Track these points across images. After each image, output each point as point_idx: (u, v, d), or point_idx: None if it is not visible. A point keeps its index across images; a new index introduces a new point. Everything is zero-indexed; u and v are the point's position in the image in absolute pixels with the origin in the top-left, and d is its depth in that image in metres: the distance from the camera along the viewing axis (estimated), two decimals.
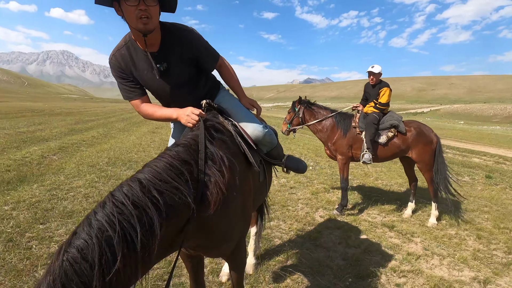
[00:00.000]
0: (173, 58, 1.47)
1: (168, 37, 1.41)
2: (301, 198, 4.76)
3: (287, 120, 4.44)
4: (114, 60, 1.46)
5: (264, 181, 1.80)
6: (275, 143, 1.88)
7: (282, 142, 10.74)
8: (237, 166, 1.38)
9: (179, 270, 2.54)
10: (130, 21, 1.30)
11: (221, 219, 1.27)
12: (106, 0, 1.27)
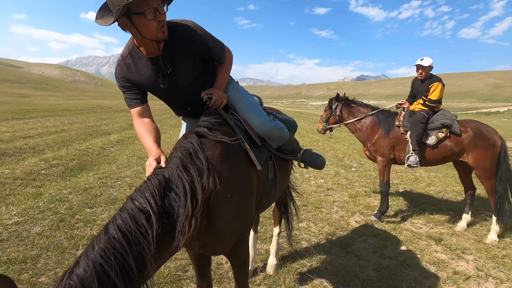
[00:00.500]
0: (178, 59, 1.42)
1: (170, 37, 1.35)
2: (337, 200, 4.52)
3: (323, 118, 4.23)
4: (119, 69, 1.44)
5: (274, 178, 1.69)
6: (286, 137, 1.77)
7: (325, 141, 10.37)
8: (232, 166, 1.33)
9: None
10: (148, 34, 1.26)
11: (212, 222, 1.24)
12: (118, 17, 1.18)
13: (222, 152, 1.32)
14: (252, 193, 1.47)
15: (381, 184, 3.78)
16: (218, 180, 1.22)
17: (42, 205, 3.58)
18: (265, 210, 2.12)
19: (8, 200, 3.77)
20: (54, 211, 3.41)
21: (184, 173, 1.15)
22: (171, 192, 1.11)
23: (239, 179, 1.38)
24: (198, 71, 1.52)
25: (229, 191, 1.28)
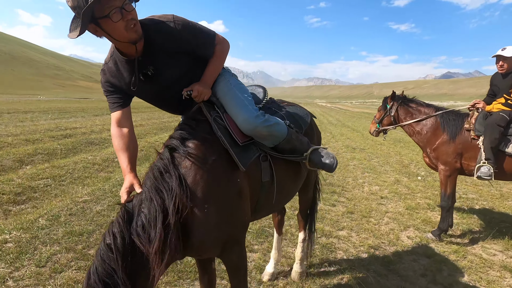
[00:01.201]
0: (159, 59, 1.33)
1: (149, 36, 1.27)
2: (390, 211, 4.04)
3: (376, 119, 3.82)
4: (103, 74, 1.41)
5: (271, 181, 1.53)
6: (281, 135, 1.53)
7: (391, 145, 9.40)
8: (210, 172, 1.26)
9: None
10: (119, 36, 1.18)
11: (191, 236, 1.22)
12: (82, 30, 1.11)
13: (197, 162, 1.25)
14: (239, 197, 1.37)
15: (442, 198, 3.22)
16: (192, 195, 1.19)
17: (107, 188, 4.13)
18: (269, 214, 2.02)
19: (85, 182, 4.47)
20: (115, 194, 3.90)
21: (156, 196, 1.15)
22: (141, 219, 1.12)
23: (219, 186, 1.30)
24: (184, 67, 1.42)
25: (206, 202, 1.23)
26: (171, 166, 1.21)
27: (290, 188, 1.78)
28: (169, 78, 1.39)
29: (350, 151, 8.27)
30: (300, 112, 1.90)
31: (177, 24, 1.30)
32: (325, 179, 5.29)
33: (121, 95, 1.41)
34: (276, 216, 2.49)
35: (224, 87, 1.49)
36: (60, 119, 11.32)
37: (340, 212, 3.87)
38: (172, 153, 1.26)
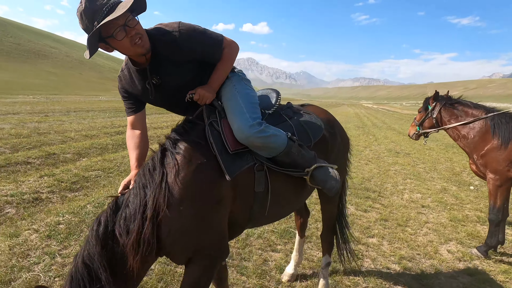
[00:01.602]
0: (164, 68, 1.37)
1: (156, 46, 1.31)
2: (431, 221, 3.72)
3: (416, 121, 3.54)
4: (119, 81, 1.49)
5: (265, 192, 1.44)
6: (279, 148, 1.43)
7: (441, 150, 8.58)
8: (192, 176, 1.25)
9: None
10: (128, 52, 1.27)
11: (164, 236, 1.23)
12: (94, 49, 1.22)
13: (181, 163, 1.26)
14: (219, 206, 1.31)
15: (491, 210, 2.87)
16: (170, 194, 1.20)
17: None
18: (269, 223, 2.01)
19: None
20: None
21: (141, 191, 1.21)
22: (126, 211, 1.20)
23: (198, 190, 1.26)
24: (189, 75, 1.44)
25: (182, 203, 1.22)
26: (158, 164, 1.26)
27: (291, 201, 1.66)
28: (173, 86, 1.42)
29: (392, 156, 7.76)
30: (314, 122, 1.72)
31: (182, 33, 1.32)
32: (360, 183, 5.07)
33: (134, 101, 1.50)
34: (299, 218, 2.42)
35: (228, 91, 1.49)
36: (115, 117, 12.48)
37: (372, 218, 3.68)
38: (163, 153, 1.30)
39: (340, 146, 1.92)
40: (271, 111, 1.63)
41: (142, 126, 1.53)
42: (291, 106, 1.78)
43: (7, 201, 3.32)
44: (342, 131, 2.02)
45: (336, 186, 1.54)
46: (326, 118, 1.90)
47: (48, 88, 31.83)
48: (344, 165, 2.08)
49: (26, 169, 4.63)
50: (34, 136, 6.80)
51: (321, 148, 1.71)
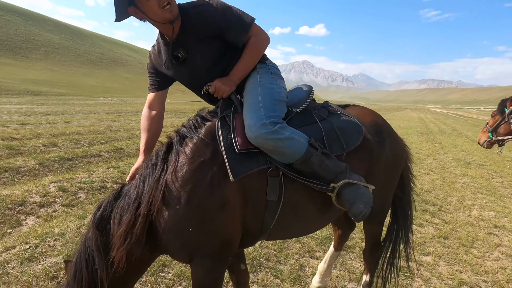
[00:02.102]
0: (191, 42, 1.31)
1: (185, 19, 1.27)
2: (505, 245, 3.17)
3: (488, 126, 3.06)
4: (149, 57, 1.47)
5: (277, 201, 1.28)
6: (295, 155, 1.24)
7: None
8: (193, 174, 1.19)
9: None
10: (155, 16, 1.22)
11: (160, 233, 1.21)
12: (123, 12, 1.21)
13: (183, 159, 1.21)
14: (222, 209, 1.21)
15: None
16: (167, 191, 1.17)
17: None
18: (287, 238, 1.80)
19: None
20: None
21: (140, 184, 1.21)
22: (123, 201, 1.21)
23: (197, 189, 1.19)
24: (216, 54, 1.35)
25: (179, 202, 1.17)
26: (161, 159, 1.24)
27: (312, 218, 1.45)
28: (199, 63, 1.35)
29: (461, 166, 6.84)
30: (351, 127, 1.45)
31: (211, 5, 1.27)
32: (418, 194, 4.58)
33: (159, 78, 1.45)
34: (337, 229, 2.13)
35: (251, 83, 1.37)
36: (175, 118, 13.51)
37: (429, 234, 3.29)
38: (169, 147, 1.27)
39: (389, 157, 1.60)
40: (300, 109, 1.43)
41: (160, 106, 1.49)
42: (327, 106, 1.53)
43: (80, 187, 3.86)
44: (395, 138, 1.71)
45: (364, 211, 1.28)
46: (372, 121, 1.60)
47: (123, 91, 36.16)
48: (394, 180, 1.74)
49: (97, 160, 5.31)
50: (107, 133, 7.77)
51: (361, 157, 1.46)
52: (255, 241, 1.42)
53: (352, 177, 1.32)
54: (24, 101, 15.41)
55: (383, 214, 1.82)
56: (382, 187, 1.60)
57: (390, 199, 1.80)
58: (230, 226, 1.25)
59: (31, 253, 2.34)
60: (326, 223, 1.65)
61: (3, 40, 51.37)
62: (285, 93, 1.43)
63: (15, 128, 7.37)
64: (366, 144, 1.48)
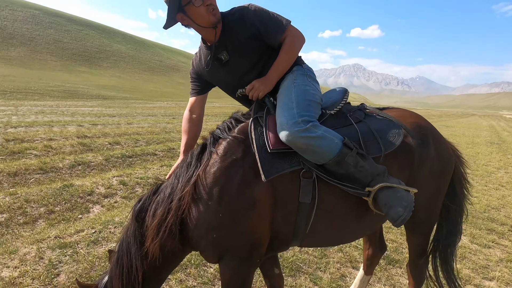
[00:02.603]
0: (232, 45, 1.37)
1: (225, 23, 1.35)
2: None
3: None
4: (191, 64, 1.56)
5: (310, 204, 1.25)
6: (327, 154, 1.20)
7: None
8: (224, 172, 1.22)
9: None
10: (202, 21, 1.30)
11: (191, 229, 1.26)
12: (172, 19, 1.31)
13: (215, 158, 1.25)
14: (252, 208, 1.21)
15: None
16: (199, 188, 1.22)
17: None
18: (316, 246, 1.70)
19: None
20: None
21: (175, 181, 1.28)
22: (159, 197, 1.28)
23: (228, 187, 1.21)
24: (255, 56, 1.39)
25: (210, 199, 1.21)
26: (195, 158, 1.29)
27: (348, 224, 1.38)
28: (239, 65, 1.40)
29: None
30: (389, 128, 1.37)
31: (249, 9, 1.35)
32: (482, 211, 4.07)
33: (200, 83, 1.54)
34: (367, 248, 1.98)
35: (285, 85, 1.38)
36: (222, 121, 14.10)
37: (494, 257, 2.90)
38: (203, 148, 1.32)
39: (435, 162, 1.48)
40: (334, 111, 1.39)
41: (199, 110, 1.58)
42: (363, 108, 1.48)
43: (137, 182, 4.26)
44: (441, 141, 1.57)
45: (403, 215, 1.19)
46: (413, 123, 1.50)
47: (178, 95, 38.89)
48: (443, 188, 1.60)
49: (153, 159, 5.81)
50: (162, 134, 8.44)
51: (402, 161, 1.38)
52: (287, 246, 1.40)
53: (390, 181, 1.25)
54: (96, 104, 17.54)
55: (429, 225, 1.66)
56: (428, 196, 1.48)
57: (437, 210, 1.63)
58: (259, 226, 1.25)
59: (96, 237, 2.67)
60: (363, 232, 1.56)
61: (82, 51, 59.28)
62: (320, 96, 1.42)
63: (88, 127, 8.44)
64: (407, 147, 1.40)
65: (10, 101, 14.70)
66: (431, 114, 39.12)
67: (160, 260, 1.27)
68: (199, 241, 1.26)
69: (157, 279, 1.38)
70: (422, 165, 1.43)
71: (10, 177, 4.08)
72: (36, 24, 59.34)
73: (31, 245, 2.51)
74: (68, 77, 35.81)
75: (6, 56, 42.96)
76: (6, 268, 2.20)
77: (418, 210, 1.37)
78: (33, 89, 21.13)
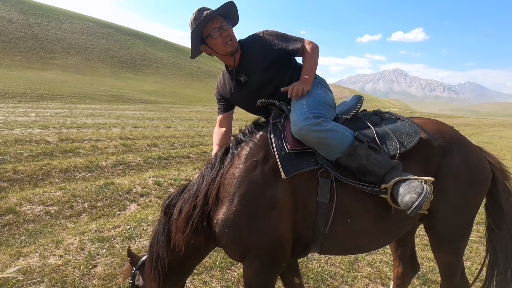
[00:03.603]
0: (251, 66, 1.54)
1: (244, 50, 1.53)
2: None
3: None
4: (217, 86, 1.75)
5: (328, 204, 1.28)
6: (339, 146, 1.26)
7: None
8: (246, 172, 1.29)
9: None
10: (220, 50, 1.50)
11: (214, 226, 1.33)
12: (197, 50, 1.53)
13: (237, 159, 1.34)
14: (272, 207, 1.27)
15: None
16: (223, 186, 1.30)
17: None
18: (337, 254, 1.67)
19: None
20: None
21: (200, 180, 1.39)
22: (186, 195, 1.40)
23: (249, 187, 1.28)
24: (269, 75, 1.56)
25: (232, 198, 1.28)
26: (218, 159, 1.40)
27: (368, 227, 1.35)
28: (256, 84, 1.57)
29: None
30: (404, 128, 1.38)
31: (266, 35, 1.54)
32: None
33: (225, 102, 1.73)
34: (397, 265, 1.89)
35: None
36: None
37: None
38: (226, 150, 1.43)
39: (462, 171, 1.37)
40: (350, 115, 1.46)
41: (228, 124, 1.75)
42: (378, 113, 1.53)
43: (171, 183, 4.47)
44: (470, 149, 1.45)
45: (417, 202, 1.14)
46: (435, 128, 1.45)
47: (213, 101, 39.97)
48: (473, 202, 1.44)
49: (187, 161, 6.05)
50: (196, 138, 8.76)
51: (420, 166, 1.35)
52: (307, 251, 1.41)
53: (405, 175, 1.25)
54: (138, 108, 18.76)
55: (456, 242, 1.48)
56: (452, 207, 1.38)
57: (466, 226, 1.48)
58: (281, 226, 1.28)
59: (130, 233, 2.84)
60: (386, 238, 1.49)
61: (128, 59, 64.03)
62: (332, 99, 1.50)
63: (130, 130, 9.05)
64: (426, 151, 1.36)
65: (66, 104, 16.33)
66: (482, 123, 35.71)
67: (184, 253, 1.38)
68: (221, 237, 1.32)
69: (181, 270, 1.48)
70: (444, 173, 1.36)
71: (62, 173, 4.52)
72: (90, 35, 65.42)
73: (74, 236, 2.75)
74: (116, 83, 38.85)
75: (64, 64, 47.88)
76: (53, 256, 2.43)
77: (440, 221, 1.39)
78: (85, 93, 23.25)
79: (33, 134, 6.74)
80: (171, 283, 1.47)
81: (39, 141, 6.16)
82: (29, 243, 2.69)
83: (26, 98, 16.69)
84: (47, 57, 47.72)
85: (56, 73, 37.86)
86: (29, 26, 54.68)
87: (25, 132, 6.87)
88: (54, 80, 29.44)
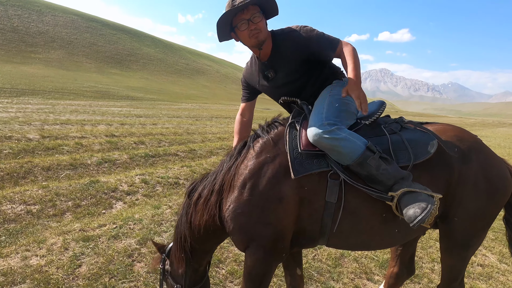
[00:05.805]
0: (280, 64, 1.51)
1: (276, 44, 1.49)
2: None
3: None
4: (244, 71, 1.74)
5: (338, 205, 1.32)
6: (350, 155, 1.27)
7: None
8: (261, 167, 1.35)
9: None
10: (246, 42, 1.48)
11: (224, 211, 1.40)
12: (226, 35, 1.51)
13: (252, 153, 1.41)
14: (279, 202, 1.32)
15: None
16: (236, 176, 1.38)
17: None
18: (341, 249, 1.68)
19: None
20: None
21: (219, 169, 1.48)
22: (206, 181, 1.49)
23: (260, 180, 1.34)
24: (299, 73, 1.54)
25: (244, 187, 1.35)
26: (236, 151, 1.48)
27: (374, 228, 1.39)
28: (283, 81, 1.56)
29: None
30: (421, 139, 1.38)
31: (302, 32, 1.48)
32: None
33: (250, 91, 1.74)
34: (393, 265, 1.93)
35: (322, 94, 1.52)
36: None
37: None
38: (244, 144, 1.49)
39: (480, 179, 1.37)
40: (369, 121, 1.46)
41: (249, 114, 1.80)
42: (400, 121, 1.49)
43: (158, 181, 4.41)
44: (490, 158, 1.44)
45: (420, 216, 1.18)
46: (454, 136, 1.44)
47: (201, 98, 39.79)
48: (489, 211, 1.44)
49: (174, 159, 5.98)
50: (184, 135, 8.68)
51: (436, 174, 1.36)
52: (314, 243, 1.47)
53: (414, 186, 1.26)
54: (125, 105, 18.36)
55: (467, 248, 1.50)
56: (469, 215, 1.40)
57: (480, 234, 1.49)
58: (285, 220, 1.34)
59: (116, 232, 2.80)
60: (393, 240, 1.51)
61: (114, 54, 62.45)
62: (354, 106, 1.45)
63: (116, 127, 8.86)
64: (443, 159, 1.36)
65: (48, 100, 15.79)
66: (464, 123, 36.99)
67: (203, 234, 1.48)
68: (229, 223, 1.38)
69: (202, 250, 1.58)
70: (463, 181, 1.37)
71: (44, 171, 4.39)
72: (74, 29, 63.34)
73: (58, 236, 2.69)
74: (101, 79, 37.85)
75: (47, 58, 46.22)
76: (35, 257, 2.37)
77: (455, 228, 1.41)
78: (69, 89, 22.55)
79: (14, 131, 6.50)
80: (195, 261, 1.57)
81: (20, 138, 5.95)
82: (9, 243, 2.61)
83: (6, 93, 16.05)
84: (28, 50, 45.91)
85: (37, 68, 36.46)
86: (8, 17, 52.45)
87: (4, 129, 6.61)
88: (35, 74, 28.36)
